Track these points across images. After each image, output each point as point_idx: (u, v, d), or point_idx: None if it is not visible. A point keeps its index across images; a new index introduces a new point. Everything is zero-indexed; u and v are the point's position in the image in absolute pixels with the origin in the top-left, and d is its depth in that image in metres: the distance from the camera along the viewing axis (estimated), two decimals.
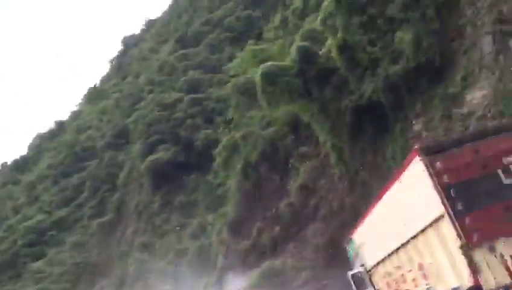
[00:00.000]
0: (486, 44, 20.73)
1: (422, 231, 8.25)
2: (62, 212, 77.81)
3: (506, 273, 7.01)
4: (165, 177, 57.71)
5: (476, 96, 21.27)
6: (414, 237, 8.67)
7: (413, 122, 26.05)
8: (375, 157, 30.26)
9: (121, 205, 70.65)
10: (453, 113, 22.75)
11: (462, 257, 7.22)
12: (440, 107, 23.26)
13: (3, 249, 74.94)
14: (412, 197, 8.30)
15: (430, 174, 7.46)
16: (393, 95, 25.77)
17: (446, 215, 7.33)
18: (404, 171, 8.39)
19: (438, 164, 7.54)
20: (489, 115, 19.43)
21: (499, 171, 7.47)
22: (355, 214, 31.99)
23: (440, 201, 7.37)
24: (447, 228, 7.43)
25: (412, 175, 8.01)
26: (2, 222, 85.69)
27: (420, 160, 7.61)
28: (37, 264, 64.99)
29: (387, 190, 9.63)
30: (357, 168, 32.20)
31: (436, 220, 7.68)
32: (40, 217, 78.86)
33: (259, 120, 41.82)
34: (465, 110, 21.74)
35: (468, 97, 21.57)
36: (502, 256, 7.09)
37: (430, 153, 7.69)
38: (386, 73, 24.99)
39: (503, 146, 7.67)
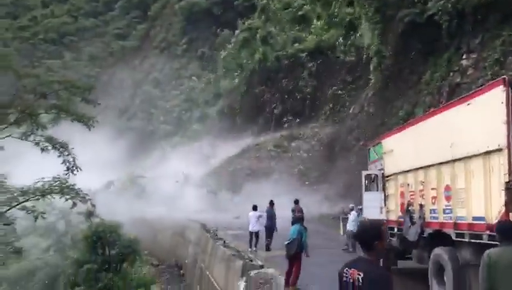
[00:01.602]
0: None
1: (470, 157, 8.34)
2: (88, 22, 77.05)
3: None
4: (197, 24, 56.64)
5: None
6: (456, 160, 8.79)
7: (464, 56, 25.17)
8: (411, 77, 29.75)
9: (146, 36, 70.13)
10: (508, 60, 21.90)
11: (503, 192, 7.39)
12: (498, 50, 22.28)
13: (23, 37, 74.69)
14: (474, 122, 8.26)
15: (508, 108, 7.35)
16: (457, 22, 24.56)
17: (505, 150, 7.36)
18: (478, 95, 8.24)
19: None
20: None
21: None
22: (370, 121, 32.40)
23: (506, 135, 7.36)
24: (500, 162, 7.51)
25: (486, 102, 7.89)
26: (28, 10, 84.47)
27: (503, 91, 7.43)
28: (53, 63, 65.14)
29: (445, 109, 9.57)
30: (387, 82, 31.82)
31: (491, 151, 7.73)
32: (66, 19, 77.86)
33: None
34: None
35: None
36: None
37: None
38: None
39: None
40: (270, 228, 16.66)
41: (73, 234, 26.53)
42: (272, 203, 17.18)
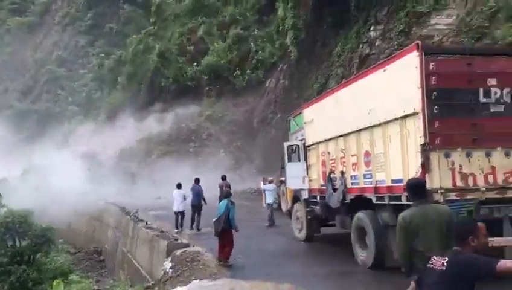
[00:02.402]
0: None
1: (387, 122, 8.59)
2: None
3: (451, 179, 7.68)
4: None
5: (441, 22, 21.48)
6: (374, 126, 9.04)
7: (372, 28, 26.14)
8: (323, 50, 30.47)
9: (46, 11, 65.14)
10: (412, 31, 23.02)
11: (419, 154, 7.71)
12: (403, 22, 23.32)
13: None
14: (390, 88, 8.50)
15: (422, 72, 7.61)
16: None
17: (420, 114, 7.65)
18: (393, 62, 8.47)
19: (431, 65, 7.69)
20: (445, 44, 19.93)
21: (480, 89, 7.84)
22: (287, 94, 32.85)
23: (420, 99, 7.63)
24: (416, 125, 7.81)
25: (401, 68, 8.13)
26: None
27: (417, 56, 7.67)
28: None
29: (362, 76, 9.77)
30: (302, 54, 32.35)
31: (407, 116, 8.01)
32: None
33: None
34: (424, 32, 22.06)
35: (433, 21, 21.74)
36: (452, 164, 7.71)
37: (428, 53, 7.79)
38: None
39: (492, 68, 7.99)
40: (198, 205, 16.17)
41: None
42: (197, 180, 16.65)
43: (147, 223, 17.44)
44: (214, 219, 10.93)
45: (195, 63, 39.72)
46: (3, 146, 38.81)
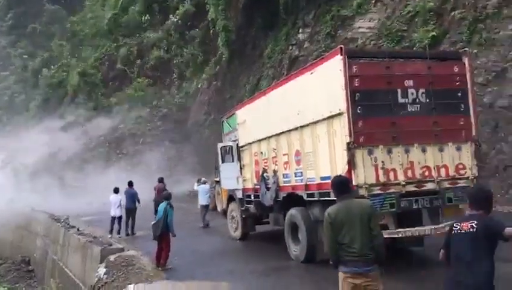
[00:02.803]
0: None
1: (315, 122, 9.03)
2: None
3: (374, 175, 8.23)
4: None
5: (364, 25, 22.59)
6: (303, 126, 9.45)
7: (300, 30, 26.95)
8: (254, 51, 30.95)
9: None
10: (337, 34, 24.02)
11: (345, 152, 8.19)
12: (329, 25, 24.28)
13: None
14: (317, 90, 8.94)
15: (345, 75, 8.09)
16: None
17: (345, 114, 8.13)
18: (319, 65, 8.91)
19: (354, 68, 8.20)
20: (368, 46, 21.00)
21: (399, 90, 8.45)
22: (220, 94, 32.98)
23: (345, 100, 8.11)
24: (341, 125, 8.28)
25: (327, 71, 8.57)
26: None
27: (341, 59, 8.14)
28: None
29: (291, 78, 10.16)
30: (234, 55, 32.68)
31: (333, 116, 8.47)
32: None
33: None
34: (349, 34, 23.10)
35: (357, 24, 22.84)
36: (375, 160, 8.26)
37: (350, 56, 8.29)
38: None
39: (409, 70, 8.64)
40: (132, 209, 15.91)
41: None
42: (130, 183, 16.38)
43: (78, 230, 16.94)
44: (153, 222, 10.86)
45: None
46: None
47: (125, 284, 9.76)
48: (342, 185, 5.36)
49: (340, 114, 8.28)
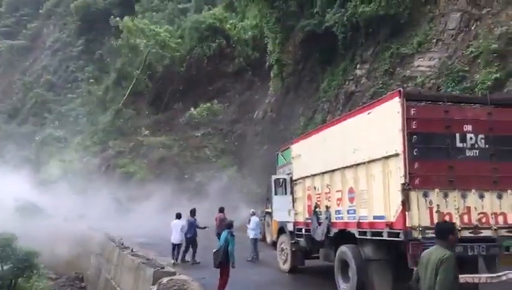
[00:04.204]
0: (453, 20, 21.64)
1: (370, 161, 9.14)
2: None
3: (429, 218, 8.20)
4: (94, 25, 54.30)
5: (423, 64, 22.45)
6: (358, 164, 9.57)
7: (358, 66, 27.10)
8: (310, 86, 31.33)
9: (37, 36, 65.75)
10: (396, 71, 23.97)
11: (399, 193, 8.23)
12: (388, 62, 24.29)
13: None
14: (374, 130, 9.08)
15: (403, 117, 8.22)
16: (352, 34, 26.36)
17: (401, 155, 8.21)
18: (377, 105, 9.07)
19: (412, 111, 8.31)
20: (427, 85, 20.85)
21: (457, 135, 8.45)
22: (275, 125, 33.44)
23: (401, 142, 8.21)
24: (397, 166, 8.35)
25: (385, 112, 8.72)
26: None
27: (399, 102, 8.29)
28: None
29: (348, 116, 10.36)
30: (288, 89, 33.22)
31: (389, 157, 8.56)
32: None
33: None
34: (408, 72, 23.01)
35: (416, 63, 22.72)
36: (430, 203, 8.24)
37: (409, 99, 8.41)
38: (354, 10, 25.31)
39: (468, 115, 8.64)
40: (192, 238, 15.73)
41: None
42: (192, 211, 16.24)
43: (132, 251, 17.54)
44: (214, 250, 11.02)
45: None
46: None
47: None
48: (438, 232, 5.62)
49: (396, 155, 8.37)
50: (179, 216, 15.99)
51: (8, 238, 20.42)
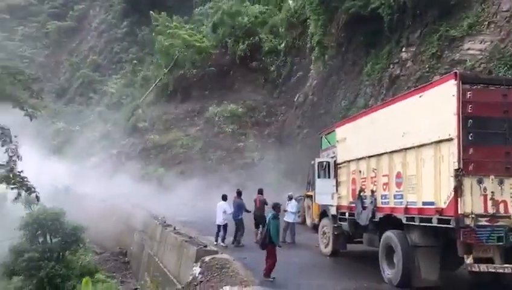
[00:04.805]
0: (507, 1, 20.65)
1: (421, 145, 8.90)
2: (22, 0, 72.66)
3: (482, 205, 7.95)
4: (138, 7, 55.02)
5: (474, 47, 21.56)
6: (407, 149, 9.35)
7: (404, 49, 26.33)
8: (353, 69, 30.73)
9: (84, 17, 67.42)
10: (444, 54, 23.15)
11: (452, 179, 7.99)
12: (436, 45, 23.47)
13: None
14: (425, 113, 8.82)
15: (458, 100, 7.93)
16: (398, 16, 25.58)
17: (455, 140, 7.95)
18: (430, 88, 8.80)
19: (468, 94, 8.02)
20: (477, 69, 20.05)
21: None
22: (315, 109, 33.18)
23: (456, 126, 7.94)
24: (450, 151, 8.10)
25: (438, 95, 8.45)
26: None
27: (454, 84, 7.99)
28: None
29: (398, 99, 10.11)
30: (330, 72, 32.73)
31: (442, 141, 8.31)
32: None
33: None
34: (457, 56, 22.18)
35: (466, 46, 21.84)
36: (485, 190, 7.97)
37: (465, 82, 8.10)
38: None
39: None
40: (240, 220, 15.44)
41: (11, 222, 25.33)
42: (239, 193, 15.86)
43: (175, 229, 17.90)
44: (259, 231, 10.98)
45: None
46: (37, 146, 40.01)
47: (220, 285, 10.21)
48: None
49: (449, 140, 8.12)
50: (224, 198, 15.81)
51: (57, 212, 21.22)
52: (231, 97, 39.16)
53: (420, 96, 9.07)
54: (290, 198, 16.89)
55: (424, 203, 8.87)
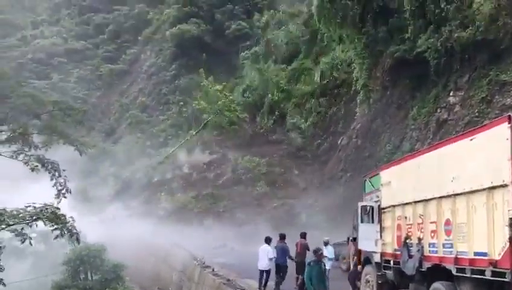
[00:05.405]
0: None
1: (472, 192, 8.43)
2: (78, 44, 77.20)
3: None
4: (187, 51, 57.14)
5: None
6: (458, 195, 8.87)
7: (451, 93, 25.74)
8: (398, 112, 30.27)
9: (135, 60, 70.51)
10: (494, 99, 22.45)
11: (507, 228, 7.47)
12: (485, 89, 22.85)
13: (11, 56, 74.61)
14: (477, 158, 8.39)
15: None
16: (445, 60, 25.18)
17: (510, 187, 7.47)
18: (482, 131, 8.41)
19: None
20: None
21: None
22: (359, 152, 32.65)
23: (511, 171, 7.47)
24: (505, 198, 7.61)
25: (491, 138, 8.04)
26: (17, 29, 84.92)
27: (508, 127, 7.60)
28: (40, 84, 64.31)
29: (447, 142, 9.72)
30: (375, 115, 32.35)
31: (495, 187, 7.83)
32: (56, 40, 78.16)
33: None
34: (508, 101, 21.46)
35: None
36: None
37: None
38: (449, 35, 24.19)
39: None
40: (282, 265, 14.82)
41: (54, 258, 25.77)
42: (282, 236, 15.32)
43: (213, 270, 17.65)
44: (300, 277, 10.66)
45: None
46: (82, 181, 41.25)
47: None
48: None
49: (503, 186, 7.64)
50: (268, 240, 15.09)
51: (98, 250, 21.47)
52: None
53: (471, 140, 8.67)
54: (326, 243, 16.20)
55: (475, 254, 8.31)
